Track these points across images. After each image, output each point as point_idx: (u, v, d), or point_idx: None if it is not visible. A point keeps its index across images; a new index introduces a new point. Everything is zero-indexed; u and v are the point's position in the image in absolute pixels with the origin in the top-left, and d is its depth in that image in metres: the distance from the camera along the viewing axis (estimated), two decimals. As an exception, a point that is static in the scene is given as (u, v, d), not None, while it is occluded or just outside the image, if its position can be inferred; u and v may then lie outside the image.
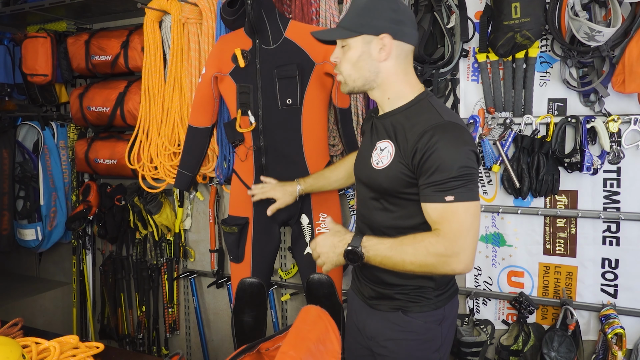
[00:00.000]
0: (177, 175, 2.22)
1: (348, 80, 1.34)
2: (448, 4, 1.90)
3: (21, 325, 1.52)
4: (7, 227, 2.83)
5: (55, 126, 2.92)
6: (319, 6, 2.08)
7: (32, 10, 2.62)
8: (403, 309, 1.37)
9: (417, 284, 1.36)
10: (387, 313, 1.39)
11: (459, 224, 1.18)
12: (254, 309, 2.05)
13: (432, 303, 1.37)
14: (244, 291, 2.01)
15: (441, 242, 1.18)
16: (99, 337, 2.99)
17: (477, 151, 1.25)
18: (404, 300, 1.37)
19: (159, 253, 2.77)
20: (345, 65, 1.32)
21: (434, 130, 1.21)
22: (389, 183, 1.30)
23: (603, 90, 1.77)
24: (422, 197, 1.23)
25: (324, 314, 1.07)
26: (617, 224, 1.86)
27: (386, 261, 1.23)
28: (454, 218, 1.18)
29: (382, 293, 1.40)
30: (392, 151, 1.29)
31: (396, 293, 1.38)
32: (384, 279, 1.38)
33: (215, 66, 1.97)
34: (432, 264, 1.19)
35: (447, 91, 2.04)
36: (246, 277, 2.01)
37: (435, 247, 1.18)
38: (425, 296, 1.36)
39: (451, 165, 1.18)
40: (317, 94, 1.90)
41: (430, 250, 1.18)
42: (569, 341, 1.86)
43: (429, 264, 1.19)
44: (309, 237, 1.97)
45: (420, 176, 1.23)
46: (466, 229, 1.18)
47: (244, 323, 2.05)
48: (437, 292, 1.37)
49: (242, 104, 1.90)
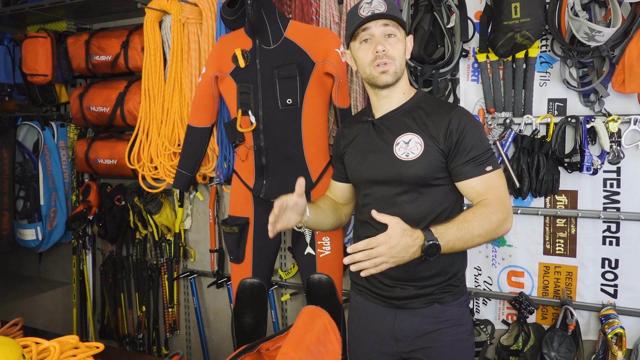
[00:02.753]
0: (176, 175, 2.21)
1: (399, 69, 1.40)
2: (448, 4, 1.90)
3: (21, 325, 1.52)
4: (7, 227, 2.83)
5: (55, 126, 2.92)
6: (319, 6, 2.08)
7: (32, 10, 2.62)
8: (438, 301, 1.42)
9: (454, 270, 1.43)
10: (420, 309, 1.43)
11: (502, 188, 1.35)
12: (254, 309, 2.04)
13: (460, 290, 1.46)
14: (244, 292, 2.01)
15: (497, 208, 1.30)
16: (99, 337, 2.99)
17: None
18: (439, 293, 1.43)
19: (159, 253, 2.77)
20: (399, 53, 1.39)
21: (457, 114, 1.37)
22: (424, 171, 1.36)
23: (603, 90, 1.77)
24: (462, 175, 1.35)
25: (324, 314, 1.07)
26: (617, 224, 1.86)
27: (458, 243, 1.26)
28: (496, 184, 1.34)
29: (418, 293, 1.43)
30: (421, 141, 1.37)
31: (435, 290, 1.42)
32: (422, 274, 1.40)
33: (216, 66, 1.97)
34: (495, 230, 1.30)
35: (447, 91, 2.04)
36: (247, 278, 2.00)
37: (496, 214, 1.29)
38: (456, 284, 1.44)
39: (482, 142, 1.35)
40: (317, 94, 1.90)
41: (492, 218, 1.29)
42: (569, 341, 1.86)
43: (493, 230, 1.30)
44: (309, 237, 1.98)
45: (455, 157, 1.35)
46: (505, 191, 1.36)
47: (245, 324, 2.05)
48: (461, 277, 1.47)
49: (243, 104, 1.90)
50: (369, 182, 1.46)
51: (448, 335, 1.43)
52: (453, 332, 1.43)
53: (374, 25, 1.37)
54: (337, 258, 2.00)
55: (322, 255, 1.98)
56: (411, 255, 1.21)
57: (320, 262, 1.98)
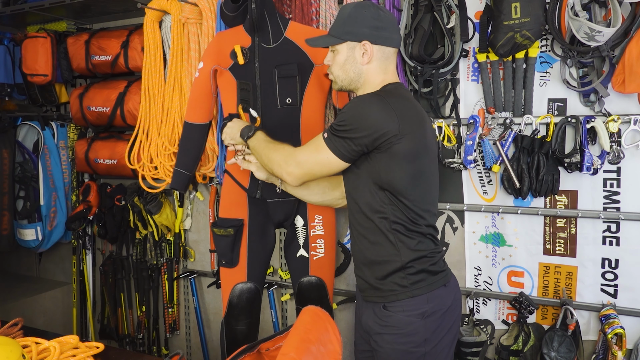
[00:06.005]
0: (174, 174, 2.16)
1: (337, 80, 1.55)
2: (448, 4, 1.90)
3: (21, 325, 1.52)
4: (7, 227, 2.83)
5: (55, 126, 2.92)
6: (319, 6, 2.08)
7: (32, 10, 2.61)
8: (384, 302, 1.44)
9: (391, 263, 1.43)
10: (374, 305, 1.48)
11: (308, 152, 1.48)
12: (249, 316, 1.96)
13: (407, 291, 1.42)
14: (239, 297, 1.93)
15: (289, 155, 1.51)
16: (99, 337, 2.99)
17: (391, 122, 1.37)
18: (382, 290, 1.44)
19: (159, 253, 2.77)
20: (335, 67, 1.54)
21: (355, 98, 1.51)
22: None
23: (603, 90, 1.77)
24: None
25: (324, 315, 1.07)
26: (617, 224, 1.86)
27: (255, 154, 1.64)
28: (312, 147, 1.48)
29: (367, 284, 1.49)
30: None
31: (373, 278, 1.46)
32: (357, 260, 1.54)
33: (214, 60, 1.94)
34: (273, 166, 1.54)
35: (447, 91, 2.04)
36: (242, 282, 1.93)
37: (282, 157, 1.51)
38: (400, 283, 1.42)
39: (341, 117, 1.42)
40: (316, 95, 1.90)
41: (277, 156, 1.53)
42: (569, 341, 1.86)
43: (272, 163, 1.54)
44: (303, 239, 1.96)
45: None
46: (306, 156, 1.48)
47: (238, 332, 1.96)
48: (408, 274, 1.42)
49: (243, 100, 1.89)
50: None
51: (388, 342, 1.42)
52: (393, 341, 1.41)
53: None
54: (330, 261, 1.99)
55: (315, 257, 1.95)
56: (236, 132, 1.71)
57: (314, 265, 1.95)
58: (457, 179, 2.08)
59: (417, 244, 1.43)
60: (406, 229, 1.42)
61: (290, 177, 1.50)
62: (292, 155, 1.50)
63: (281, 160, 1.51)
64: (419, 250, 1.44)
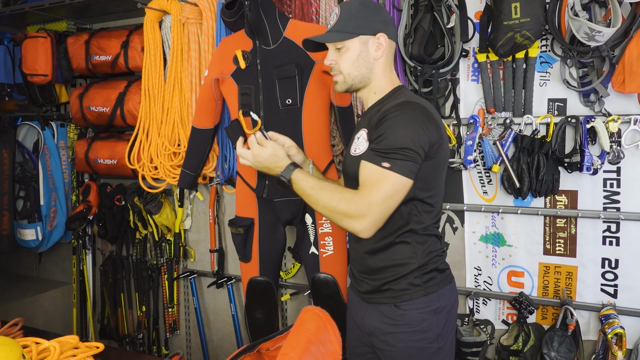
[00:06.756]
0: (181, 174, 2.27)
1: (347, 78, 1.44)
2: (448, 4, 1.90)
3: (21, 325, 1.52)
4: (7, 227, 2.83)
5: (55, 126, 2.92)
6: (319, 6, 2.08)
7: (32, 10, 2.61)
8: (396, 302, 1.40)
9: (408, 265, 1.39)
10: (381, 306, 1.43)
11: (379, 192, 1.27)
12: (263, 306, 2.11)
13: (421, 289, 1.40)
14: (253, 289, 2.08)
15: (354, 201, 1.28)
16: (99, 337, 2.99)
17: (434, 131, 1.32)
18: (394, 290, 1.41)
19: (159, 253, 2.77)
20: (345, 64, 1.42)
21: (395, 107, 1.33)
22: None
23: (603, 90, 1.77)
24: (364, 156, 1.33)
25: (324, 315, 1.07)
26: (617, 224, 1.86)
27: (304, 196, 1.39)
28: (379, 185, 1.27)
29: (374, 285, 1.45)
30: (367, 137, 1.39)
31: (384, 282, 1.42)
32: (369, 264, 1.44)
33: (217, 68, 1.97)
34: (336, 216, 1.31)
35: (447, 91, 2.04)
36: (255, 277, 2.05)
37: (347, 205, 1.29)
38: (414, 282, 1.40)
39: (397, 138, 1.27)
40: (318, 94, 1.90)
41: (341, 206, 1.30)
42: (569, 341, 1.86)
43: (334, 213, 1.32)
44: (313, 236, 1.99)
45: (371, 142, 1.34)
46: (381, 197, 1.27)
47: (256, 319, 2.14)
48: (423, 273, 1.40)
49: (244, 105, 1.91)
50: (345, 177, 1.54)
51: (403, 341, 1.40)
52: (409, 339, 1.40)
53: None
54: (341, 258, 2.01)
55: (325, 255, 1.98)
56: (268, 170, 1.46)
57: (324, 262, 1.99)
58: (457, 179, 2.08)
59: (430, 245, 1.43)
60: (424, 231, 1.41)
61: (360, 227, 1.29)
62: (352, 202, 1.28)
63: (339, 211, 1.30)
64: (432, 251, 1.44)
